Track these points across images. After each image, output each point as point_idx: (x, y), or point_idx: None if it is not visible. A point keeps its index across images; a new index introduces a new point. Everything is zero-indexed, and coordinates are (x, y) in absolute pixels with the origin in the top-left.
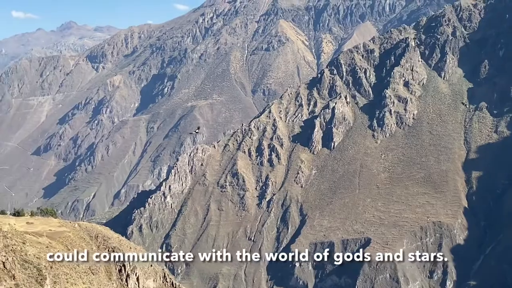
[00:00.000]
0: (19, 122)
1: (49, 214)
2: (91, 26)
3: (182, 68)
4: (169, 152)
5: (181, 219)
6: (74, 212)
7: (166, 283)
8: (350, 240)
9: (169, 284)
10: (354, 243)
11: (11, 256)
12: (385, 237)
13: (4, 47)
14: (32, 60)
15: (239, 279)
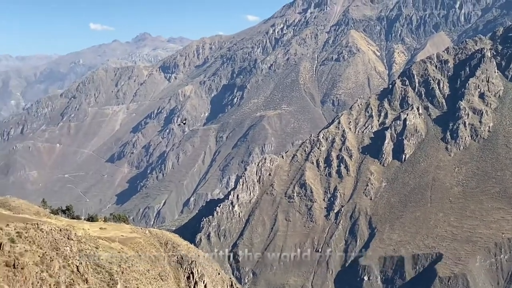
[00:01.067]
0: (95, 130)
1: (121, 220)
2: (164, 38)
3: (252, 79)
4: (238, 162)
5: (248, 228)
6: (145, 219)
7: None
8: (420, 255)
9: None
10: (425, 258)
11: (84, 261)
12: (458, 253)
13: (82, 58)
14: (108, 71)
15: None
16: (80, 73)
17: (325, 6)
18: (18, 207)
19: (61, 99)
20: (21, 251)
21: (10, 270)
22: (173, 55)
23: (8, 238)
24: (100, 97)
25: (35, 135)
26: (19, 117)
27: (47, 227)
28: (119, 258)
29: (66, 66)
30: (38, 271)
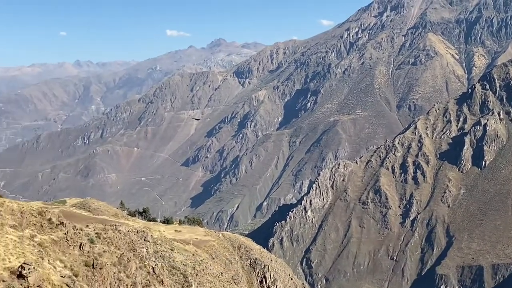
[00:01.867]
0: (171, 135)
1: (195, 223)
2: (239, 43)
3: (326, 83)
4: (311, 167)
5: (321, 234)
6: (218, 222)
7: None
8: (501, 264)
9: None
10: (505, 268)
11: (160, 262)
12: None
13: (159, 64)
14: (184, 76)
15: None
16: (157, 79)
17: (401, 9)
18: (97, 208)
19: (138, 104)
20: (100, 252)
21: (89, 270)
22: (247, 60)
23: (87, 238)
24: (176, 102)
25: (114, 139)
26: (99, 121)
27: (124, 229)
28: (194, 260)
29: (144, 72)
30: (116, 271)
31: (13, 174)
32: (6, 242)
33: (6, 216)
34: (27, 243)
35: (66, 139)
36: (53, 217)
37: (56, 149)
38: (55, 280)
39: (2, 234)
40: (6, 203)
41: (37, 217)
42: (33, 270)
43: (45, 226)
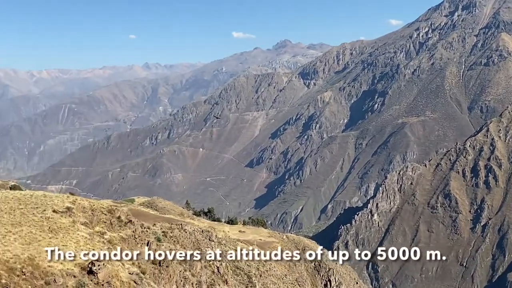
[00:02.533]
0: (235, 136)
1: (259, 224)
2: (304, 44)
3: (394, 84)
4: (377, 170)
5: (388, 238)
6: (282, 224)
7: None
8: None
9: None
10: None
11: (224, 262)
12: None
13: (224, 66)
14: (249, 78)
15: None
16: (222, 80)
17: (473, 8)
18: (164, 208)
19: (204, 105)
20: (166, 250)
21: (156, 268)
22: (313, 61)
23: (154, 237)
24: (240, 103)
25: (180, 140)
26: (166, 122)
27: (190, 228)
28: (258, 261)
29: (210, 74)
30: (182, 270)
31: (85, 172)
32: (77, 239)
33: (78, 214)
34: (97, 240)
35: (134, 139)
36: (122, 215)
37: (125, 149)
38: (124, 277)
39: (74, 231)
40: (78, 201)
41: (107, 215)
42: (102, 266)
43: (114, 224)
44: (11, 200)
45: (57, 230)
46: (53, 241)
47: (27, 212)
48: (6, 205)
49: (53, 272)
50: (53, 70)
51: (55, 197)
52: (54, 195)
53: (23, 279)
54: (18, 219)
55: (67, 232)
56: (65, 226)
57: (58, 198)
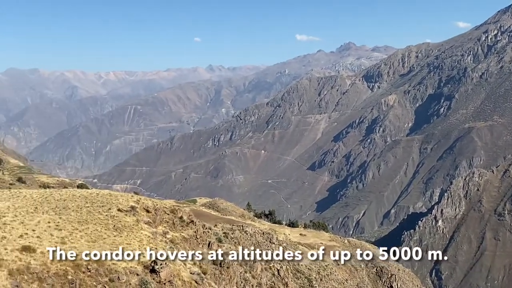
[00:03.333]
0: (297, 138)
1: (320, 228)
2: (369, 47)
3: (461, 88)
4: (443, 175)
5: (453, 245)
6: (344, 228)
7: None
8: None
9: None
10: None
11: (285, 265)
12: None
13: (287, 68)
14: (312, 80)
15: None
16: (285, 83)
17: None
18: (225, 209)
19: (267, 107)
20: (227, 251)
21: (217, 268)
22: (377, 64)
23: (216, 237)
24: (303, 106)
25: (242, 142)
26: (229, 124)
27: (251, 230)
28: (318, 265)
29: (273, 76)
30: (242, 271)
31: (149, 173)
32: (141, 238)
33: (141, 213)
34: (160, 239)
35: (197, 140)
36: (184, 216)
37: (188, 150)
38: (185, 277)
39: (137, 229)
40: (141, 201)
41: (170, 215)
42: (165, 265)
43: (176, 223)
44: (78, 198)
45: (121, 228)
46: (118, 239)
47: (93, 211)
48: (74, 203)
49: (117, 270)
50: (120, 72)
51: (120, 196)
52: (119, 194)
53: (88, 276)
54: (85, 217)
55: (131, 231)
56: (129, 224)
57: (123, 197)
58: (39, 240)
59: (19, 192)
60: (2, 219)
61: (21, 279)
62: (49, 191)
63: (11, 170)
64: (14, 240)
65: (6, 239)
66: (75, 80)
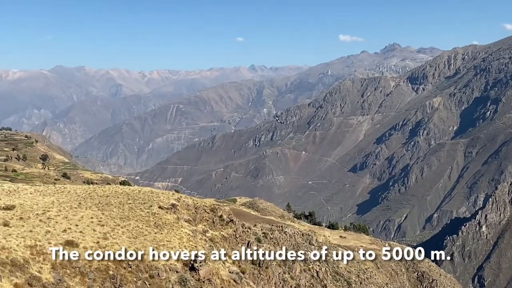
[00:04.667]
0: (339, 140)
1: (361, 231)
2: (414, 48)
3: (508, 91)
4: (488, 180)
5: (496, 251)
6: (385, 231)
7: None
8: None
9: None
10: None
11: (324, 267)
12: None
13: (330, 69)
14: (355, 81)
15: None
16: (327, 84)
17: None
18: (265, 209)
19: (308, 108)
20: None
21: (256, 268)
22: (422, 65)
23: (255, 237)
24: (345, 107)
25: (283, 142)
26: (270, 124)
27: (290, 231)
28: (358, 268)
29: (315, 77)
30: (281, 272)
31: (190, 171)
32: (181, 235)
33: (182, 211)
34: (200, 237)
35: (238, 140)
36: (224, 214)
37: (229, 150)
38: (224, 275)
39: (178, 227)
40: (182, 199)
41: (210, 214)
42: (204, 264)
43: (216, 222)
44: (120, 195)
45: (162, 225)
46: (158, 236)
47: (135, 207)
48: (116, 200)
49: (157, 267)
50: (163, 71)
51: (161, 193)
52: (160, 191)
53: (129, 272)
54: (127, 213)
55: (171, 228)
56: (170, 222)
57: (164, 195)
58: (82, 235)
59: (64, 188)
60: (46, 213)
61: (63, 273)
62: (92, 187)
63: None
64: (57, 235)
65: (50, 233)
66: (119, 78)
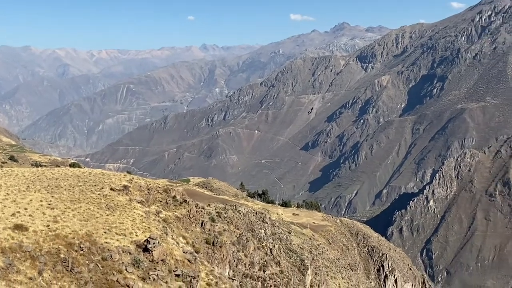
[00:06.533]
0: (291, 118)
1: (313, 208)
2: (363, 27)
3: (454, 69)
4: (434, 155)
5: (443, 225)
6: (336, 208)
7: None
8: None
9: None
10: None
11: (277, 244)
12: None
13: (281, 48)
14: (306, 60)
15: None
16: (279, 63)
17: None
18: (219, 188)
19: (260, 87)
20: (220, 230)
21: (210, 247)
22: (371, 44)
23: (209, 217)
24: (297, 86)
25: (236, 122)
26: (222, 104)
27: (244, 209)
28: (310, 244)
29: (267, 56)
30: (235, 251)
31: (142, 152)
32: (133, 217)
33: (134, 192)
34: (153, 218)
35: (191, 120)
36: (178, 195)
37: (181, 130)
38: (178, 255)
39: (130, 209)
40: (134, 180)
41: (163, 194)
42: (157, 244)
43: (169, 203)
44: (70, 177)
45: (114, 207)
46: (110, 218)
47: (86, 190)
48: (66, 182)
49: (110, 249)
50: (112, 50)
51: (113, 175)
52: (111, 173)
53: (80, 254)
54: (77, 196)
55: (123, 210)
56: (122, 204)
57: (115, 177)
58: (31, 219)
59: (11, 171)
60: None
61: (13, 257)
62: (41, 170)
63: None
64: (6, 219)
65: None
66: (67, 58)
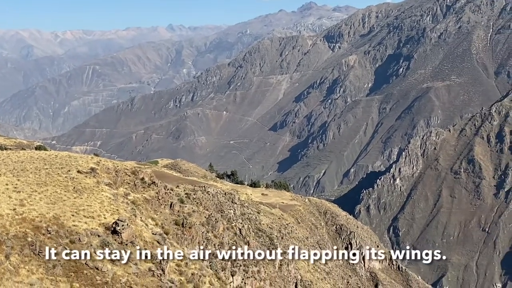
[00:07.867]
0: (259, 99)
1: (282, 188)
2: (330, 6)
3: (420, 48)
4: (401, 134)
5: (410, 203)
6: (305, 187)
7: (392, 266)
8: None
9: (395, 267)
10: None
11: (247, 224)
12: None
13: (249, 28)
14: (273, 40)
15: (469, 270)
16: (246, 43)
17: None
18: (187, 170)
19: (228, 68)
20: (189, 212)
21: (179, 229)
22: (338, 24)
23: (178, 198)
24: (265, 66)
25: (204, 103)
26: (190, 85)
27: (213, 190)
28: (279, 224)
29: (234, 36)
30: (204, 231)
31: (109, 134)
32: (101, 199)
33: (102, 175)
34: (121, 200)
35: (158, 101)
36: (146, 177)
37: (149, 111)
38: (147, 237)
39: (98, 191)
40: (102, 162)
41: (131, 176)
42: (126, 226)
43: (138, 185)
44: (36, 160)
45: (81, 190)
46: (78, 201)
47: (52, 172)
48: (32, 165)
49: (78, 231)
50: (77, 31)
51: (80, 157)
52: (78, 156)
53: (48, 238)
54: (44, 179)
55: (91, 193)
56: (90, 186)
57: (82, 159)
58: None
59: None
60: None
61: None
62: (6, 153)
63: None
64: None
65: None
66: (30, 39)
